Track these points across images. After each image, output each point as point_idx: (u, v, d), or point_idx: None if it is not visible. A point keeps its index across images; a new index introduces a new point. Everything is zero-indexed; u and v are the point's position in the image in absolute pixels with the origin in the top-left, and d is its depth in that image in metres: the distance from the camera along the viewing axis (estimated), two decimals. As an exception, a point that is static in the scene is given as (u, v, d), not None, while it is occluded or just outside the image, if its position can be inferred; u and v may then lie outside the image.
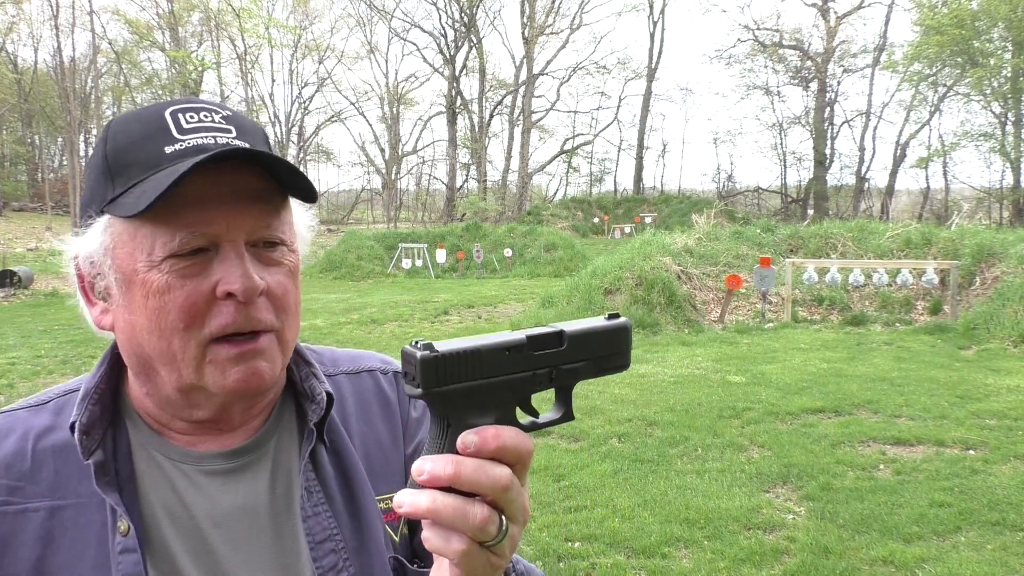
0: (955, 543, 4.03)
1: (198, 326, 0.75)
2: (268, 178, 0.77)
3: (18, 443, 0.80)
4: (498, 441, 0.56)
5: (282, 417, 0.88)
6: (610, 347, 0.63)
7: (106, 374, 0.84)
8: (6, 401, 7.09)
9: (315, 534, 0.81)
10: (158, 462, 0.82)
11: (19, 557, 0.75)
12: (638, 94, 48.38)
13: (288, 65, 43.41)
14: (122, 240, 0.76)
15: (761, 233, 14.51)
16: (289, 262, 0.81)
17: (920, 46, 28.54)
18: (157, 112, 0.78)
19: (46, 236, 29.79)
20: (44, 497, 0.78)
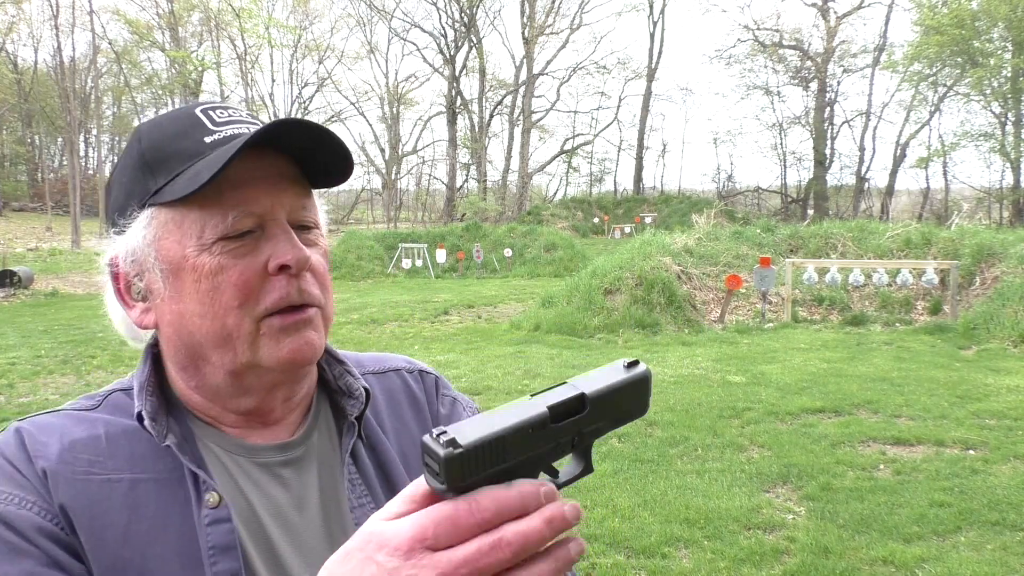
0: (955, 543, 4.03)
1: (252, 303, 0.78)
2: (295, 163, 0.82)
3: (89, 430, 0.81)
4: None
5: (319, 414, 0.91)
6: (630, 401, 0.60)
7: (151, 371, 0.85)
8: (6, 401, 7.10)
9: (361, 523, 0.82)
10: (215, 452, 0.84)
11: (108, 522, 0.76)
12: (638, 94, 48.43)
13: (288, 65, 43.47)
14: (168, 229, 0.79)
15: (761, 233, 14.51)
16: (322, 244, 0.85)
17: (920, 46, 28.54)
18: (187, 111, 0.83)
19: (46, 236, 29.79)
20: (124, 471, 0.79)
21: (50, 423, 0.81)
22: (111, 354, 9.26)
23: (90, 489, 0.77)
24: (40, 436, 0.79)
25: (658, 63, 40.65)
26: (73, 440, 0.79)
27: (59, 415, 0.83)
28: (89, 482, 0.77)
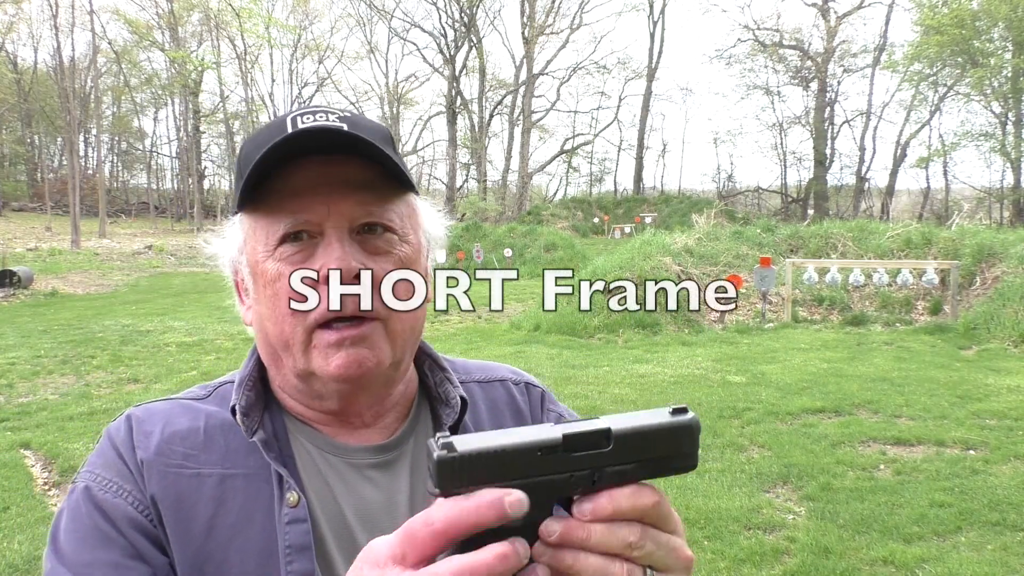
0: (955, 543, 4.03)
1: (304, 312, 0.78)
2: (375, 168, 0.80)
3: (191, 422, 0.85)
4: (613, 504, 0.55)
5: (418, 420, 0.90)
6: (669, 448, 0.56)
7: (255, 367, 0.88)
8: (6, 401, 7.09)
9: None
10: (308, 450, 0.85)
11: (194, 515, 0.79)
12: (638, 94, 48.39)
13: (288, 65, 43.49)
14: (249, 235, 0.83)
15: (761, 233, 14.51)
16: (399, 251, 0.82)
17: (920, 46, 28.54)
18: (281, 118, 0.83)
19: (46, 236, 29.79)
20: (216, 465, 0.82)
21: (159, 411, 0.86)
22: (111, 354, 9.25)
23: (180, 482, 0.80)
24: (146, 425, 0.84)
25: (658, 63, 40.66)
26: (173, 432, 0.83)
27: (170, 403, 0.88)
28: (180, 475, 0.81)
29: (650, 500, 0.56)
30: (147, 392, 7.34)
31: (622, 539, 0.54)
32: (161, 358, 9.09)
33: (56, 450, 5.55)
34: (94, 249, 25.98)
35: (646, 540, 0.56)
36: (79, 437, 5.85)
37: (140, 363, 8.78)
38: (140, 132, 50.03)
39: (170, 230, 38.43)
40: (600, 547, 0.54)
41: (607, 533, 0.54)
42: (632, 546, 0.55)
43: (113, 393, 7.39)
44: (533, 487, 0.52)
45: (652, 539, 0.56)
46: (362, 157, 0.79)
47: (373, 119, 0.87)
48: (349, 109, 0.86)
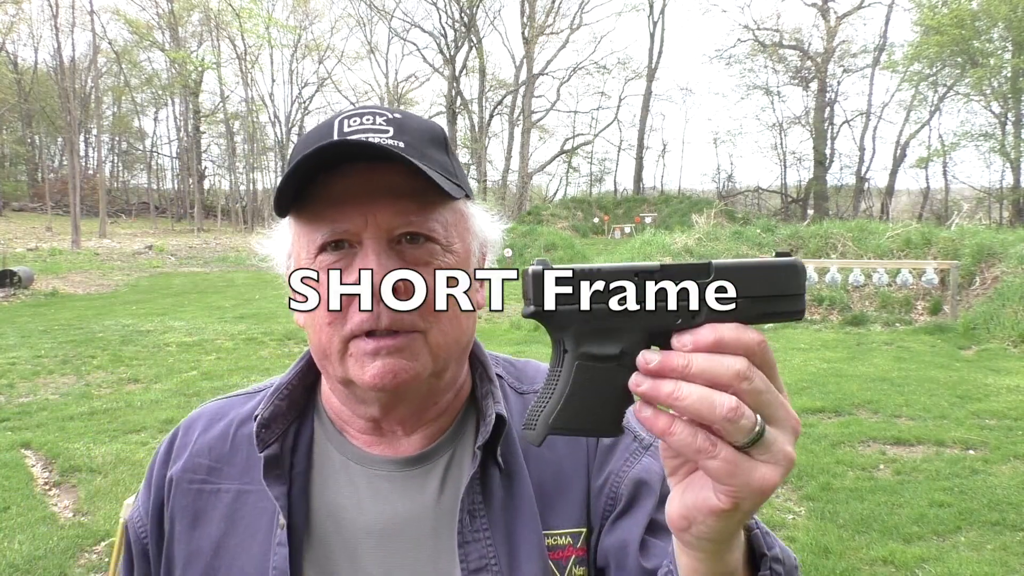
0: (955, 543, 4.03)
1: (340, 322, 0.77)
2: (420, 176, 0.76)
3: (224, 428, 0.89)
4: (716, 333, 0.50)
5: (462, 432, 0.87)
6: (773, 287, 0.52)
7: (301, 371, 0.89)
8: (6, 401, 7.09)
9: (471, 560, 0.79)
10: (335, 460, 0.85)
11: (206, 532, 0.84)
12: (638, 94, 48.42)
13: (288, 65, 43.52)
14: (294, 239, 0.82)
15: (761, 233, 14.51)
16: (440, 261, 0.78)
17: (920, 46, 28.54)
18: (330, 120, 0.82)
19: (46, 236, 29.79)
20: (235, 480, 0.85)
21: (207, 413, 0.92)
22: (111, 354, 9.25)
23: (200, 499, 0.85)
24: (189, 433, 0.90)
25: (658, 63, 40.64)
26: (204, 443, 0.88)
27: (223, 402, 0.94)
28: (202, 491, 0.86)
29: (756, 337, 0.51)
30: (147, 392, 7.34)
31: (728, 366, 0.50)
32: (161, 358, 9.09)
33: (56, 450, 5.55)
34: (94, 249, 25.98)
35: (755, 374, 0.51)
36: (79, 437, 5.85)
37: (140, 363, 8.78)
38: (140, 132, 50.06)
39: (170, 230, 38.44)
40: (704, 374, 0.50)
41: (711, 360, 0.50)
42: (740, 375, 0.50)
43: (113, 393, 7.39)
44: (629, 313, 0.51)
45: (761, 378, 0.51)
46: (407, 163, 0.76)
47: (422, 118, 0.85)
48: (400, 109, 0.84)
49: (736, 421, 0.49)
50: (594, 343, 0.52)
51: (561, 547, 0.82)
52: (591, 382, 0.53)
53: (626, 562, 0.79)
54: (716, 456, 0.50)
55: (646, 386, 0.50)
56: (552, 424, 0.53)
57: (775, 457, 0.52)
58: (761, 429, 0.51)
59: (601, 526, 0.83)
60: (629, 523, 0.81)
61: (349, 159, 0.76)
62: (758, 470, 0.51)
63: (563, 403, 0.53)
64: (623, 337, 0.52)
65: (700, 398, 0.49)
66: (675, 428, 0.50)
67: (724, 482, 0.51)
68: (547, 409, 0.53)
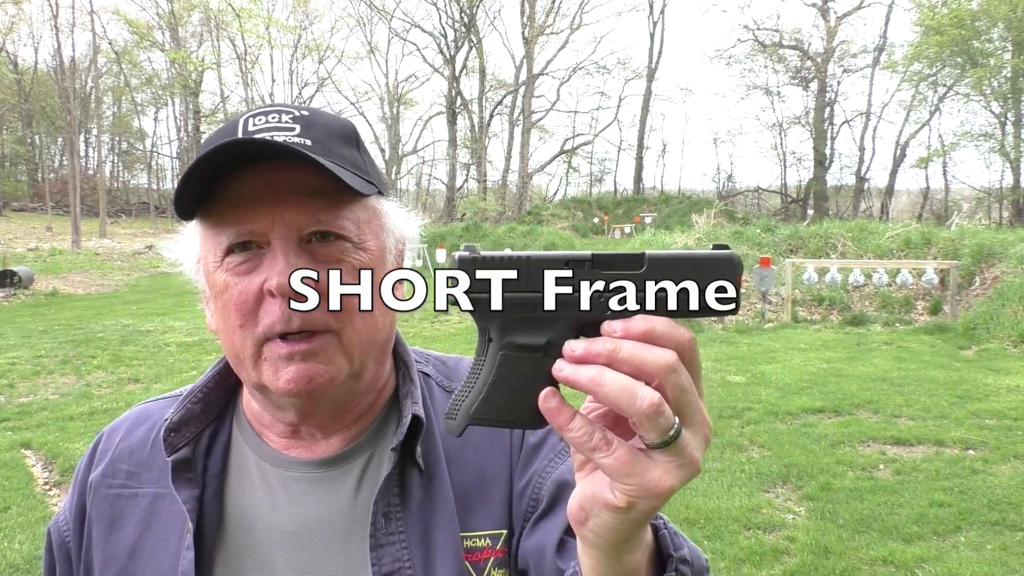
0: (955, 543, 4.03)
1: (252, 324, 0.75)
2: (327, 174, 0.74)
3: (146, 432, 0.88)
4: (648, 324, 0.48)
5: (382, 433, 0.85)
6: (708, 280, 0.50)
7: (219, 374, 0.87)
8: (6, 401, 7.10)
9: (383, 564, 0.78)
10: (251, 463, 0.84)
11: (123, 536, 0.83)
12: (638, 94, 48.40)
13: (288, 65, 43.48)
14: (201, 243, 0.80)
15: (761, 233, 14.51)
16: (353, 259, 0.77)
17: (920, 46, 28.53)
18: (235, 120, 0.80)
19: (46, 236, 29.79)
20: (153, 484, 0.85)
21: (129, 420, 0.92)
22: (111, 354, 9.26)
23: (118, 504, 0.85)
24: (111, 438, 0.90)
25: (658, 63, 40.65)
26: (126, 447, 0.88)
27: (151, 405, 0.93)
28: (119, 497, 0.85)
29: (687, 335, 0.49)
30: (147, 392, 7.34)
31: (657, 356, 0.47)
32: (161, 358, 9.09)
33: (57, 450, 5.56)
34: (94, 249, 25.97)
35: (682, 370, 0.48)
36: (79, 437, 5.85)
37: (140, 363, 8.79)
38: (140, 132, 50.03)
39: (171, 230, 38.24)
40: (631, 361, 0.47)
41: (640, 348, 0.47)
42: (669, 367, 0.47)
43: (113, 393, 7.40)
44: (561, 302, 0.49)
45: (686, 376, 0.49)
46: (310, 161, 0.74)
47: (332, 115, 0.83)
48: (308, 107, 0.82)
49: (655, 418, 0.47)
50: (520, 333, 0.50)
51: (479, 549, 0.81)
52: (515, 373, 0.51)
53: (543, 564, 0.78)
54: (610, 455, 0.49)
55: (568, 371, 0.48)
56: (473, 415, 0.52)
57: (682, 461, 0.50)
58: (677, 432, 0.48)
59: (522, 528, 0.82)
60: (549, 525, 0.80)
61: (250, 159, 0.74)
62: (655, 471, 0.49)
63: (485, 394, 0.52)
64: (551, 327, 0.50)
65: (623, 387, 0.47)
66: (574, 424, 0.49)
67: (619, 481, 0.49)
68: (469, 399, 0.52)
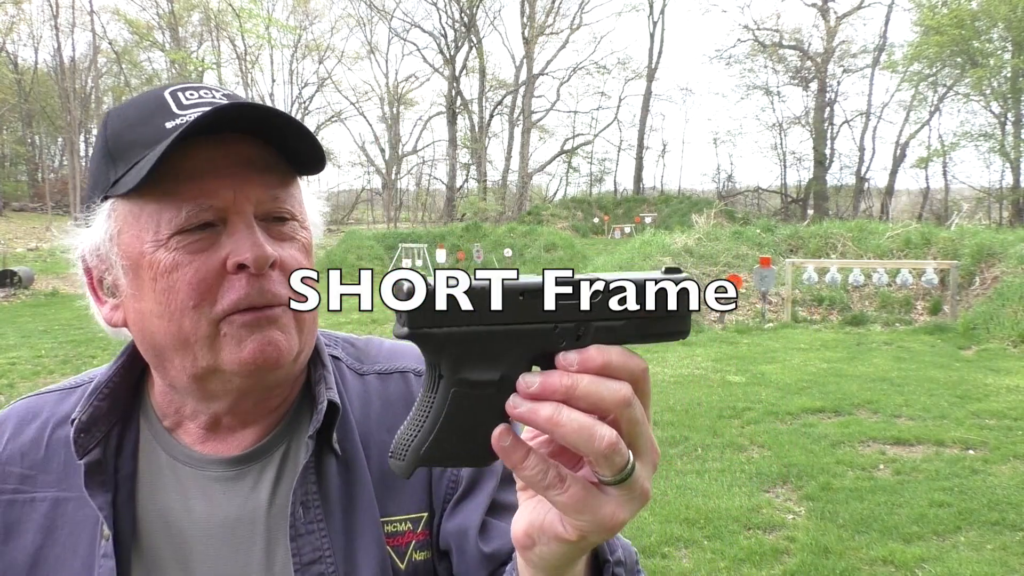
0: (955, 543, 4.03)
1: (209, 303, 0.71)
2: (272, 149, 0.74)
3: (38, 431, 0.82)
4: (604, 356, 0.47)
5: (297, 423, 0.83)
6: (661, 307, 0.49)
7: (122, 369, 0.82)
8: (6, 401, 7.10)
9: (303, 554, 0.76)
10: (162, 463, 0.80)
11: (21, 545, 0.77)
12: (638, 94, 48.40)
13: (288, 65, 43.44)
14: (127, 223, 0.73)
15: (761, 233, 14.52)
16: (301, 238, 0.77)
17: (920, 46, 28.55)
18: (156, 94, 0.76)
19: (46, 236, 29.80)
20: (52, 487, 0.79)
21: (12, 416, 0.84)
22: (111, 354, 9.21)
23: (12, 512, 0.78)
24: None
25: (658, 63, 40.65)
26: (15, 448, 0.81)
27: (31, 401, 0.86)
28: (13, 503, 0.79)
29: (641, 364, 0.48)
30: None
31: (614, 391, 0.46)
32: (161, 358, 9.10)
33: (57, 450, 5.56)
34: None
35: (636, 403, 0.48)
36: (80, 437, 5.85)
37: (140, 363, 8.80)
38: (140, 132, 50.04)
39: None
40: (588, 398, 0.46)
41: (597, 384, 0.46)
42: (625, 401, 0.47)
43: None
44: (511, 335, 0.47)
45: (639, 408, 0.48)
46: (261, 138, 0.73)
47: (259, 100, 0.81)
48: (226, 90, 0.80)
49: (612, 457, 0.46)
50: (473, 368, 0.48)
51: (400, 533, 0.81)
52: (467, 411, 0.49)
53: (466, 546, 0.78)
54: (564, 492, 0.48)
55: (523, 409, 0.47)
56: (423, 456, 0.49)
57: (633, 494, 0.49)
58: (631, 468, 0.48)
59: (443, 510, 0.82)
60: (470, 506, 0.80)
61: (216, 128, 0.71)
62: (608, 506, 0.48)
63: (436, 434, 0.49)
64: (504, 360, 0.48)
65: (581, 427, 0.46)
66: (528, 462, 0.48)
67: (571, 516, 0.49)
68: (418, 440, 0.49)
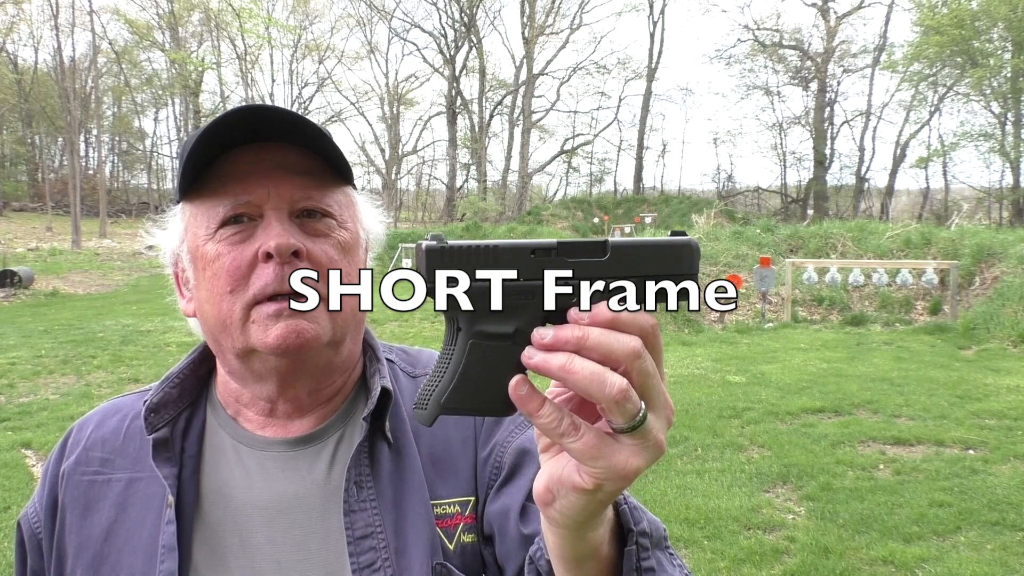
0: (955, 543, 4.04)
1: (242, 289, 0.80)
2: (314, 156, 0.83)
3: (118, 423, 0.93)
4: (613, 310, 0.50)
5: (353, 412, 0.91)
6: (667, 266, 0.52)
7: (194, 362, 0.94)
8: (6, 401, 7.10)
9: (356, 529, 0.83)
10: (226, 445, 0.89)
11: (97, 520, 0.87)
12: (638, 94, 48.42)
13: (288, 65, 43.45)
14: (190, 222, 0.84)
15: (761, 233, 14.52)
16: (338, 236, 0.84)
17: (920, 46, 28.54)
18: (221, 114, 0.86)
19: (46, 236, 29.80)
20: (127, 469, 0.88)
21: (100, 413, 0.95)
22: (111, 354, 9.26)
23: (92, 491, 0.88)
24: (83, 430, 0.93)
25: (658, 63, 40.64)
26: (98, 437, 0.92)
27: (117, 401, 0.97)
28: (93, 483, 0.88)
29: (650, 320, 0.51)
30: (147, 392, 7.35)
31: (624, 343, 0.49)
32: (162, 358, 9.09)
33: (57, 450, 5.56)
34: (95, 249, 25.97)
35: (647, 356, 0.50)
36: (80, 437, 5.86)
37: (141, 363, 8.79)
38: (140, 132, 50.02)
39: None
40: (599, 348, 0.49)
41: (607, 335, 0.49)
42: (635, 352, 0.49)
43: (114, 393, 7.39)
44: (523, 290, 0.50)
45: (650, 361, 0.51)
46: (301, 146, 0.82)
47: None
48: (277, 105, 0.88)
49: (623, 404, 0.49)
50: (489, 322, 0.51)
51: (450, 515, 0.86)
52: (484, 362, 0.52)
53: (507, 528, 0.83)
54: (578, 439, 0.50)
55: (538, 359, 0.49)
56: (444, 404, 0.52)
57: (647, 443, 0.51)
58: (643, 416, 0.50)
59: (487, 495, 0.87)
60: (511, 490, 0.85)
61: (256, 137, 0.81)
62: (622, 454, 0.50)
63: (455, 383, 0.52)
64: (518, 315, 0.51)
65: (592, 374, 0.48)
66: (543, 411, 0.50)
67: (587, 464, 0.51)
68: (438, 389, 0.53)
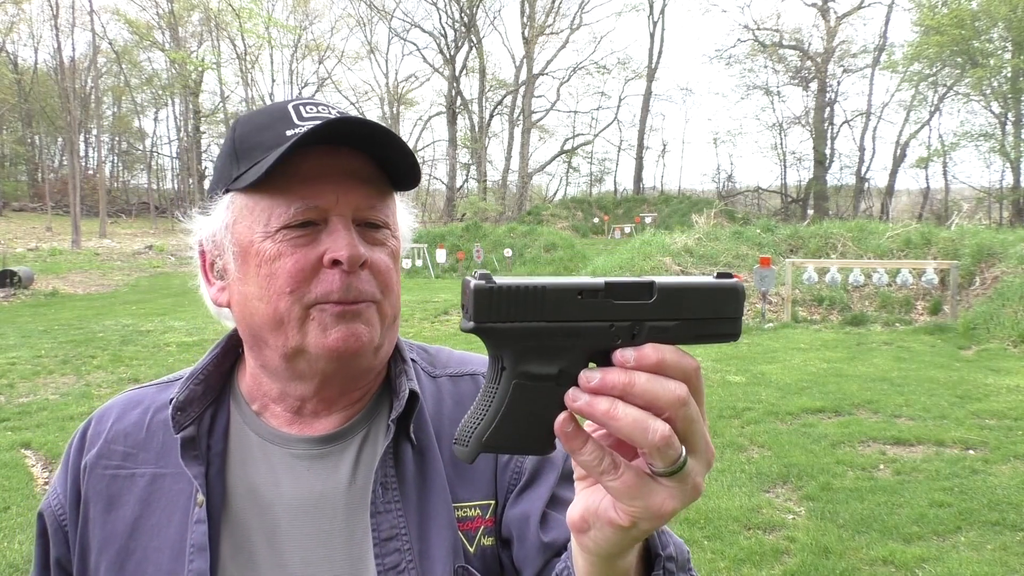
0: (955, 543, 4.03)
1: (303, 290, 0.80)
2: (375, 165, 0.84)
3: (140, 416, 0.92)
4: (659, 354, 0.50)
5: (377, 411, 0.91)
6: (713, 310, 0.52)
7: (217, 357, 0.92)
8: (6, 401, 7.10)
9: (382, 530, 0.83)
10: (252, 442, 0.88)
11: (121, 515, 0.86)
12: (638, 94, 48.43)
13: (288, 65, 43.49)
14: (242, 215, 0.83)
15: (761, 233, 14.52)
16: (391, 245, 0.86)
17: (920, 46, 28.53)
18: (281, 105, 0.86)
19: (46, 236, 29.79)
20: (151, 464, 0.88)
21: (120, 403, 0.94)
22: (111, 354, 9.26)
23: (115, 484, 0.88)
24: (103, 422, 0.92)
25: (658, 63, 40.66)
26: (120, 429, 0.91)
27: (137, 392, 0.96)
28: (116, 477, 0.88)
29: (694, 364, 0.51)
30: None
31: (670, 391, 0.49)
32: (161, 358, 9.09)
33: (56, 450, 5.55)
34: (94, 249, 25.97)
35: (691, 402, 0.50)
36: (79, 437, 5.85)
37: (141, 363, 8.78)
38: (140, 132, 50.01)
39: (170, 230, 38.42)
40: (645, 395, 0.49)
41: (653, 382, 0.49)
42: (680, 400, 0.49)
43: (114, 393, 7.39)
44: (570, 331, 0.50)
45: (694, 407, 0.51)
46: (366, 152, 0.82)
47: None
48: (340, 108, 0.88)
49: (665, 450, 0.49)
50: (533, 362, 0.51)
51: (471, 519, 0.87)
52: (528, 402, 0.52)
53: (527, 533, 0.84)
54: (618, 479, 0.51)
55: (582, 402, 0.50)
56: (485, 442, 0.53)
57: (685, 487, 0.52)
58: (683, 462, 0.51)
59: (506, 499, 0.88)
60: (532, 496, 0.86)
61: (328, 140, 0.80)
62: (659, 495, 0.51)
63: (498, 422, 0.53)
64: (563, 356, 0.51)
65: (635, 421, 0.48)
66: (586, 448, 0.51)
67: (623, 502, 0.52)
68: (481, 427, 0.53)
